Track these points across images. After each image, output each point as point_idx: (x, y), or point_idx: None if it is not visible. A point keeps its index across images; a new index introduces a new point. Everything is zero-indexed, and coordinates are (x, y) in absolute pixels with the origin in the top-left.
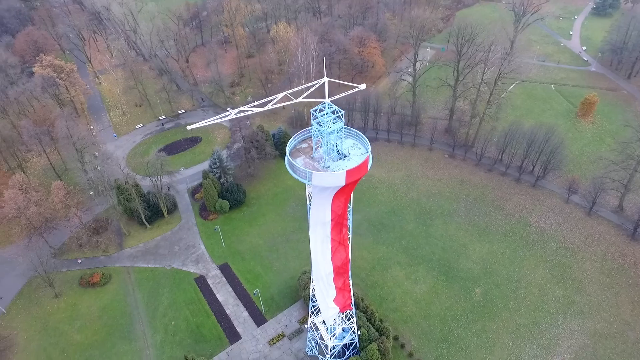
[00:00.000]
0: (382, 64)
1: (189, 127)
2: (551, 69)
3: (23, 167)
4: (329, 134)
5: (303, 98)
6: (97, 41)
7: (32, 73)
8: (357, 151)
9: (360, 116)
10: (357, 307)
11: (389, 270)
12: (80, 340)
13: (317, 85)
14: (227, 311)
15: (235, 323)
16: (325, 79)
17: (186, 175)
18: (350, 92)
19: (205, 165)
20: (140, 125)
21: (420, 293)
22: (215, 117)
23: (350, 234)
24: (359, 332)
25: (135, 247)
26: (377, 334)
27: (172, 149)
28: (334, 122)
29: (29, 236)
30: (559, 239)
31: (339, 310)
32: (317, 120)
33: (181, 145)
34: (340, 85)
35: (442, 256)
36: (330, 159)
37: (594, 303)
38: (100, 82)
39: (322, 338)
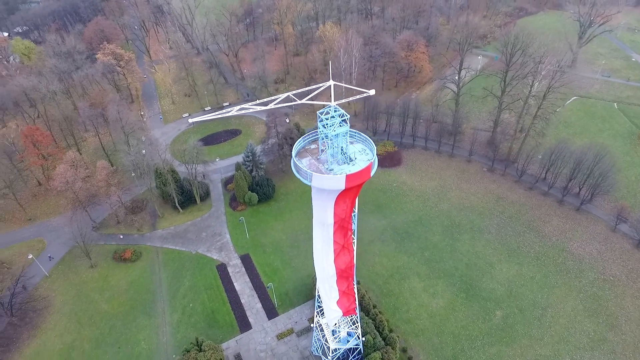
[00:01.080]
0: (430, 70)
1: (190, 120)
2: (616, 86)
3: (79, 146)
4: (334, 136)
5: (307, 100)
6: (157, 33)
7: (95, 59)
8: (365, 156)
9: (398, 121)
10: (367, 313)
11: (407, 280)
12: (107, 310)
13: (322, 88)
14: (242, 300)
15: (248, 313)
16: (332, 82)
17: (221, 165)
18: (358, 96)
19: (240, 158)
20: (187, 114)
21: (436, 307)
22: (218, 112)
23: (355, 238)
24: (363, 339)
25: (166, 229)
26: (383, 342)
27: (212, 139)
28: (339, 126)
29: (74, 209)
30: (598, 270)
31: (342, 313)
32: (322, 122)
33: (221, 137)
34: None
35: (465, 272)
36: (335, 162)
37: (629, 344)
38: (155, 72)
39: (325, 339)
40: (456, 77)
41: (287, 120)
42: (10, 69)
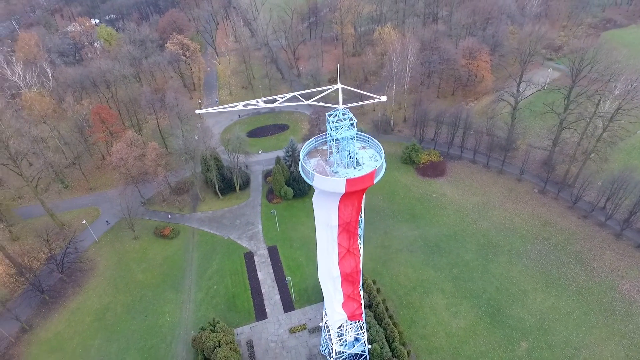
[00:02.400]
0: (492, 80)
1: (197, 112)
2: None
3: (141, 127)
4: (340, 139)
5: (314, 101)
6: (226, 26)
7: (164, 48)
8: (374, 162)
9: (447, 131)
10: (379, 322)
11: (430, 295)
12: (141, 280)
13: (329, 91)
14: (263, 290)
15: (266, 303)
16: (340, 86)
17: (265, 158)
18: (368, 102)
19: (282, 152)
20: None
21: (456, 328)
22: (224, 106)
23: (361, 244)
24: (369, 346)
25: (205, 212)
26: (390, 354)
27: (260, 132)
28: (347, 129)
29: (126, 184)
30: None
31: (346, 317)
32: (330, 125)
33: (269, 130)
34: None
35: (494, 296)
36: (342, 165)
37: None
38: (218, 63)
39: (331, 340)
40: (515, 90)
41: None
42: (94, 52)
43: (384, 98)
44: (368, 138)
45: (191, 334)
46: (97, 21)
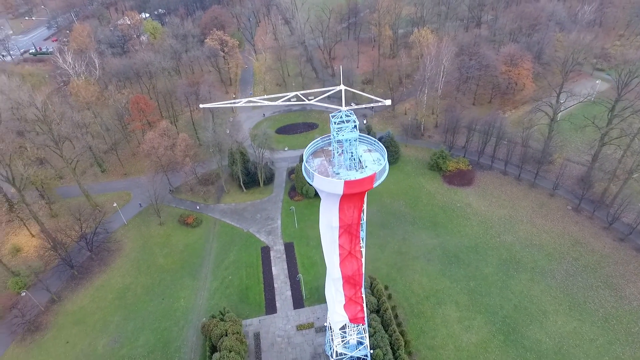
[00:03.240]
0: (533, 89)
1: (201, 106)
2: None
3: (176, 118)
4: (342, 141)
5: (316, 101)
6: (267, 24)
7: (204, 43)
8: (377, 166)
9: (478, 139)
10: (385, 328)
11: (443, 306)
12: (162, 264)
13: (332, 92)
14: (275, 285)
15: (277, 297)
16: (342, 87)
17: (290, 155)
18: (372, 104)
19: None
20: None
21: (467, 342)
22: (227, 102)
23: (364, 247)
24: (371, 351)
25: (228, 204)
26: None
27: (290, 129)
28: (350, 132)
29: (155, 172)
30: None
31: (348, 319)
32: (333, 126)
33: (298, 128)
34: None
35: (511, 314)
36: (344, 167)
37: None
38: (255, 60)
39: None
40: (554, 101)
41: (365, 122)
42: (139, 45)
43: (388, 102)
44: (374, 141)
45: (202, 321)
46: (147, 15)
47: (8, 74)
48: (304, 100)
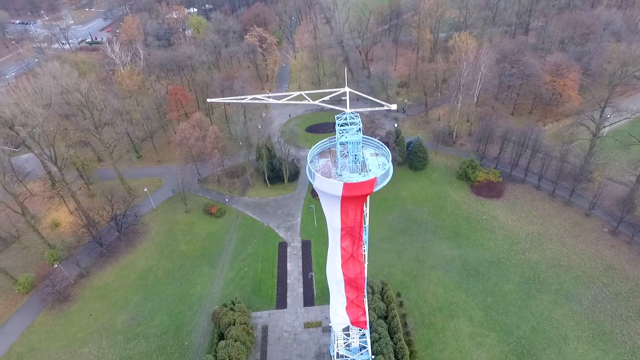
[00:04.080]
0: (579, 101)
1: (208, 100)
2: None
3: (213, 110)
4: (347, 143)
5: (320, 102)
6: (308, 22)
7: (243, 39)
8: (380, 170)
9: (512, 150)
10: (391, 336)
11: (455, 319)
12: (183, 250)
13: (337, 93)
14: (288, 281)
15: (288, 293)
16: (347, 89)
17: None
18: (377, 108)
19: None
20: (307, 100)
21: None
22: (234, 98)
23: (366, 252)
24: (373, 357)
25: (252, 198)
26: None
27: (320, 128)
28: (353, 134)
29: (185, 161)
30: None
31: (349, 321)
32: (336, 127)
33: (329, 127)
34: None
35: (528, 335)
36: (347, 169)
37: None
38: (294, 58)
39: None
40: (597, 115)
41: (396, 125)
42: (183, 39)
43: (394, 106)
44: (381, 145)
45: (213, 308)
46: (195, 10)
47: (62, 60)
48: (308, 100)
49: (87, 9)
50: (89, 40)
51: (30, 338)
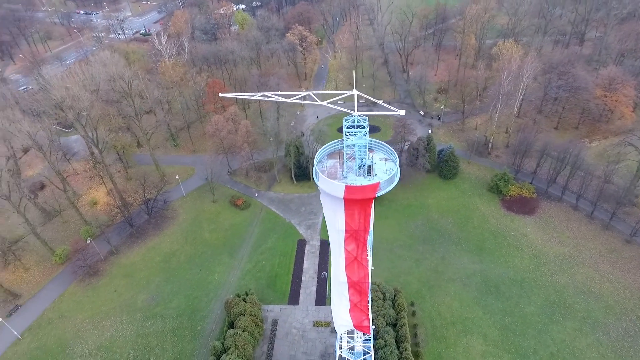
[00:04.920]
0: (632, 119)
1: (220, 95)
2: None
3: (249, 105)
4: (351, 146)
5: (327, 102)
6: (351, 23)
7: (284, 37)
8: (386, 176)
9: (551, 165)
10: (398, 344)
11: (469, 335)
12: (206, 238)
13: (344, 96)
14: (303, 278)
15: (301, 291)
16: (355, 92)
17: None
18: (385, 113)
19: None
20: (342, 101)
21: None
22: (244, 94)
23: (370, 257)
24: None
25: (277, 193)
26: None
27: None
28: (360, 137)
29: (217, 153)
30: None
31: (352, 325)
32: (344, 130)
33: None
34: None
35: None
36: (353, 172)
37: None
38: (333, 58)
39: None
40: None
41: (430, 131)
42: (228, 34)
43: (402, 112)
44: (390, 151)
45: (227, 297)
46: (243, 7)
47: (114, 50)
48: (316, 100)
49: (144, 2)
50: (143, 31)
51: (61, 306)
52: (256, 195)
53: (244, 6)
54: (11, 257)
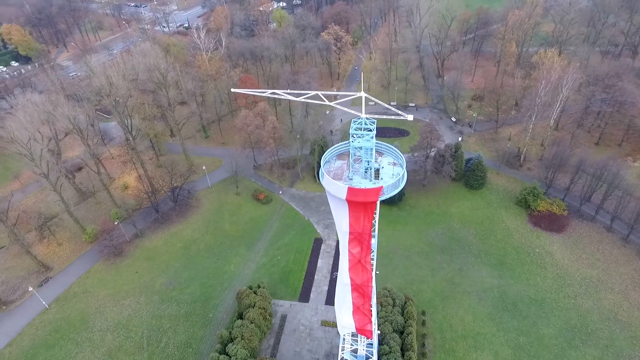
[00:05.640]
0: None
1: (232, 90)
2: None
3: (280, 102)
4: (357, 148)
5: (335, 103)
6: (389, 25)
7: (320, 36)
8: (392, 181)
9: (586, 182)
10: (403, 352)
11: (479, 351)
12: (227, 229)
13: (352, 97)
14: (315, 276)
15: (313, 289)
16: (363, 94)
17: None
18: (394, 117)
19: None
20: (372, 103)
21: None
22: (255, 90)
23: (375, 261)
24: None
25: (299, 190)
26: None
27: (380, 132)
28: (367, 140)
29: (243, 147)
30: None
31: (354, 327)
32: (352, 132)
33: (387, 132)
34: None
35: None
36: (360, 174)
37: None
38: (369, 59)
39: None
40: None
41: (460, 139)
42: (265, 31)
43: (410, 117)
44: (400, 156)
45: (239, 288)
46: (284, 4)
47: (156, 42)
48: (324, 101)
49: None
50: (186, 25)
51: (86, 282)
52: (280, 192)
53: (284, 4)
54: (46, 232)
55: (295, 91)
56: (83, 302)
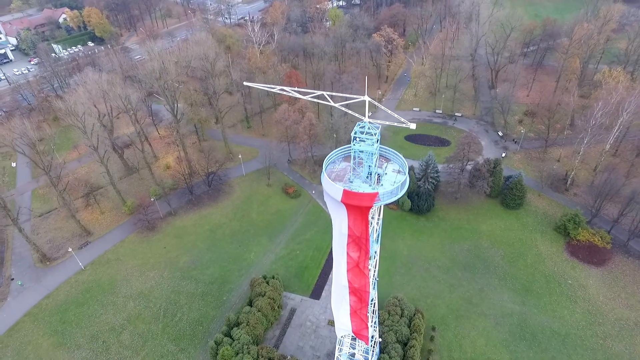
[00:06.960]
0: None
1: (245, 83)
2: None
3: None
4: (359, 152)
5: (341, 105)
6: (448, 31)
7: (371, 37)
8: (392, 187)
9: (636, 214)
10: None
11: None
12: (252, 218)
13: (355, 101)
14: (330, 275)
15: (325, 287)
16: (366, 98)
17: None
18: (397, 124)
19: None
20: (417, 109)
21: None
22: (267, 85)
23: (376, 268)
24: None
25: None
26: None
27: (421, 139)
28: (369, 144)
29: (280, 140)
30: None
31: (351, 330)
32: (354, 135)
33: (429, 140)
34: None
35: None
36: (361, 178)
37: None
38: (422, 64)
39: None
40: None
41: (503, 155)
42: (319, 28)
43: (413, 126)
44: (405, 164)
45: (253, 277)
46: (342, 3)
47: (213, 32)
48: (329, 101)
49: None
50: (246, 18)
51: (119, 250)
52: (312, 192)
53: (343, 3)
54: (92, 200)
55: (304, 89)
56: (114, 268)
